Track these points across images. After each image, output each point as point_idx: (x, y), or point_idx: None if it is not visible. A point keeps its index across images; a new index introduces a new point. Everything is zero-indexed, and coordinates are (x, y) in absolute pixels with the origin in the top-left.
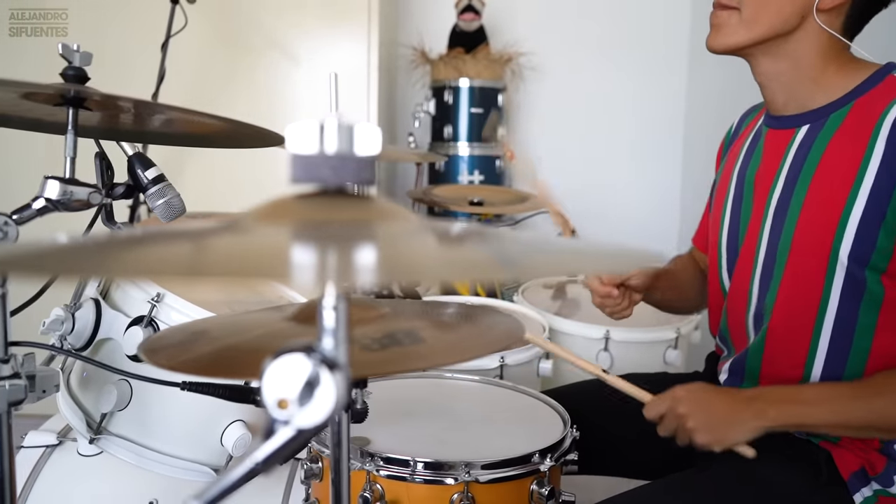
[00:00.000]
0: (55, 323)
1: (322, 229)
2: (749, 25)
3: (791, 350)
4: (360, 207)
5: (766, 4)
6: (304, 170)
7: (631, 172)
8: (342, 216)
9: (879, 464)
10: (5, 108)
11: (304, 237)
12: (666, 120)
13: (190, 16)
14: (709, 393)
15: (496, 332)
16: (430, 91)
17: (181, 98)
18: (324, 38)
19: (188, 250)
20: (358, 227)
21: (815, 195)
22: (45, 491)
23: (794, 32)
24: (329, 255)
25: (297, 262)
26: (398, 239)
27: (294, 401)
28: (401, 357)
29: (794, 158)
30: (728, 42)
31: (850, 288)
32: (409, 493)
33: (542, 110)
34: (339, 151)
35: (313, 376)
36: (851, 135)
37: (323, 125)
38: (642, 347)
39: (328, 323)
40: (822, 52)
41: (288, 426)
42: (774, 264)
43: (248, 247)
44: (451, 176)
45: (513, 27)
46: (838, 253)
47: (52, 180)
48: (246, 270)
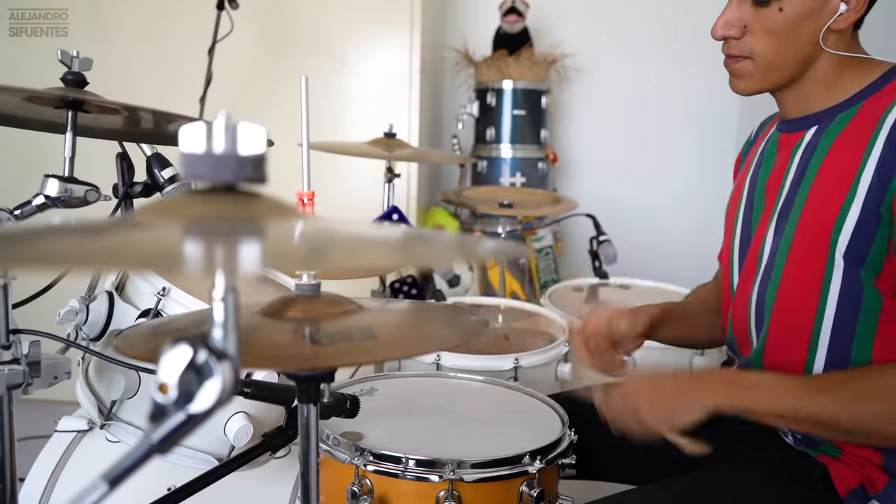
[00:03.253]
0: (69, 313)
1: (211, 225)
2: (767, 73)
3: (789, 359)
4: (248, 204)
5: (777, 51)
6: (193, 168)
7: (681, 176)
8: (231, 212)
9: (880, 481)
10: (11, 110)
11: (193, 232)
12: (717, 122)
13: (235, 20)
14: (654, 379)
15: (454, 330)
16: (474, 93)
17: (227, 102)
18: (367, 41)
19: (89, 242)
20: (244, 222)
21: (816, 196)
22: (75, 473)
23: (812, 61)
24: (216, 248)
25: (188, 254)
26: (282, 233)
27: (174, 386)
28: (348, 352)
29: (800, 160)
30: (753, 89)
31: (847, 295)
32: (397, 489)
33: (587, 112)
34: (226, 151)
35: (201, 365)
36: (854, 135)
37: (211, 125)
38: (667, 353)
39: (217, 315)
40: (837, 64)
41: (181, 411)
42: (773, 268)
43: (142, 240)
44: (494, 178)
45: (558, 28)
46: (835, 255)
47: (52, 178)
48: (139, 262)
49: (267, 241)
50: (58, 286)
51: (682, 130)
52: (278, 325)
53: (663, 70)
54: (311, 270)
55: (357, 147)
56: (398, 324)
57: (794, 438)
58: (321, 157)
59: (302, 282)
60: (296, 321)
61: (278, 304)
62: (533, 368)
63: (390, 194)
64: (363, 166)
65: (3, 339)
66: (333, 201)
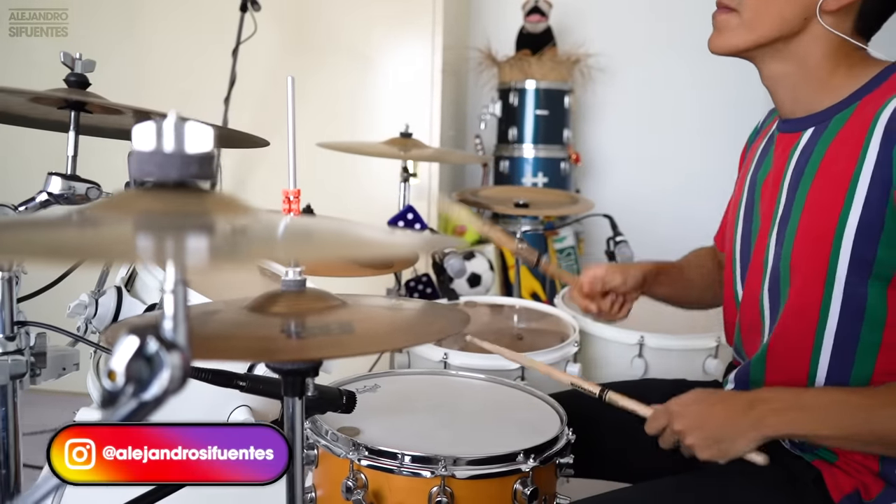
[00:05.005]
0: (79, 307)
1: (160, 220)
2: (749, 28)
3: (791, 365)
4: (198, 200)
5: (765, 6)
6: (141, 165)
7: (706, 177)
8: (180, 208)
9: (875, 488)
10: (19, 110)
11: (144, 226)
12: (743, 123)
13: (259, 21)
14: (704, 405)
15: (433, 327)
16: (497, 93)
17: (253, 102)
18: (388, 42)
19: (45, 235)
20: (192, 217)
21: (813, 203)
22: None
23: (798, 35)
24: (166, 242)
25: (139, 248)
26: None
27: (121, 373)
28: (324, 345)
29: (796, 163)
30: (728, 44)
31: (850, 304)
32: (391, 484)
33: (611, 112)
34: (175, 149)
35: (152, 355)
36: (850, 137)
37: (161, 124)
38: (679, 355)
39: (167, 306)
40: (830, 54)
41: (134, 398)
42: (780, 276)
43: (96, 234)
44: (516, 178)
45: (581, 28)
46: (836, 267)
47: (55, 176)
48: (94, 253)
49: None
50: (69, 281)
51: (707, 131)
52: (262, 320)
53: (688, 70)
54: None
55: (373, 147)
56: (378, 320)
57: (791, 442)
58: (343, 158)
59: (288, 278)
60: (280, 316)
61: (264, 300)
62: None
63: (406, 194)
64: (384, 166)
65: (7, 331)
66: (354, 201)
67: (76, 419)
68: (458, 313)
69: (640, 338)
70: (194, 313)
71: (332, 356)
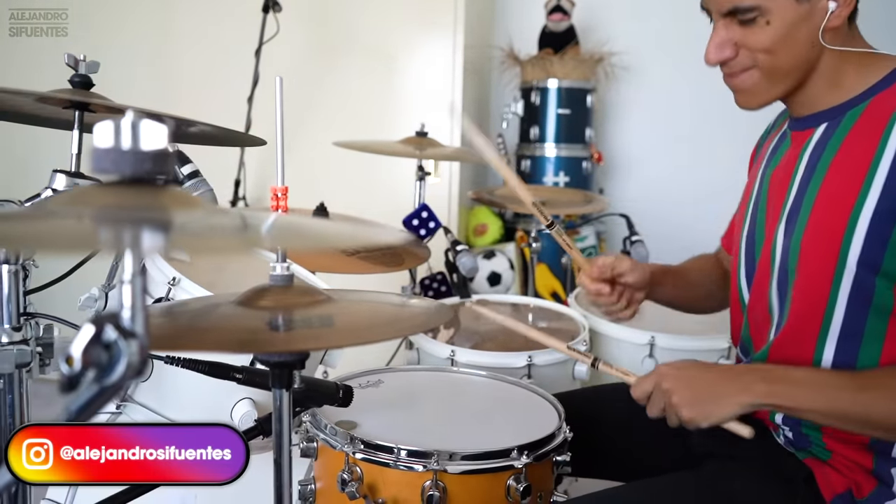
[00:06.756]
0: (89, 300)
1: (119, 213)
2: (773, 80)
3: (797, 358)
4: (155, 196)
5: (778, 61)
6: (99, 161)
7: (729, 178)
8: (137, 202)
9: (868, 487)
10: (26, 110)
11: (103, 220)
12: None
13: (281, 22)
14: (695, 368)
15: (415, 321)
16: (519, 92)
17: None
18: (410, 41)
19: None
20: (148, 211)
21: (825, 197)
22: None
23: (815, 64)
24: (123, 234)
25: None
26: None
27: (78, 359)
28: (303, 338)
29: (808, 159)
30: (762, 100)
31: (857, 298)
32: (385, 478)
33: (635, 111)
34: (132, 146)
35: (111, 342)
36: (864, 133)
37: (119, 122)
38: (690, 356)
39: (125, 296)
40: (840, 58)
41: (95, 383)
42: (788, 268)
43: (57, 227)
44: (537, 177)
45: (604, 26)
46: (846, 259)
47: (60, 173)
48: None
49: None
50: (81, 274)
51: (731, 131)
52: (248, 314)
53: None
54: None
55: (388, 146)
56: (361, 314)
57: (785, 439)
58: (363, 157)
59: (275, 273)
60: (267, 310)
61: (252, 294)
62: (548, 367)
63: (422, 192)
64: (402, 166)
65: (14, 322)
66: (372, 200)
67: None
68: (442, 309)
69: (651, 338)
70: (191, 307)
71: (311, 348)
